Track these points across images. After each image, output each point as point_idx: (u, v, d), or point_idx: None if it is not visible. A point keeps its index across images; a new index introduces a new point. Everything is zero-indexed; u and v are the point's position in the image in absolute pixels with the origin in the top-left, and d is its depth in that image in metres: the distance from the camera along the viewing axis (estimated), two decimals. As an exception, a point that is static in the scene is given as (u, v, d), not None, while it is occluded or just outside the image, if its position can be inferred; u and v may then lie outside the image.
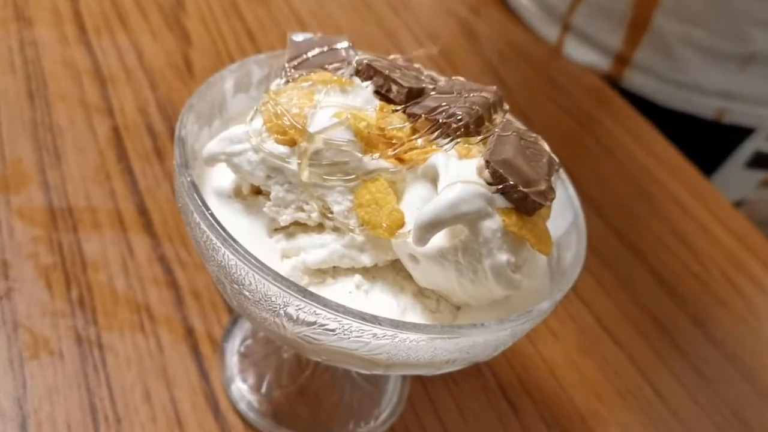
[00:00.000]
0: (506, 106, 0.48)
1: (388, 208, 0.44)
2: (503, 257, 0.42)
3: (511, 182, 0.41)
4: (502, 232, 0.42)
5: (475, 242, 0.42)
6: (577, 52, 1.15)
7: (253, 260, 0.40)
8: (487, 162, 0.41)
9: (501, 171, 0.41)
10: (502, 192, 0.41)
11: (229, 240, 0.41)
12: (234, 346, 0.63)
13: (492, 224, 0.41)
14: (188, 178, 0.43)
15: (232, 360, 0.62)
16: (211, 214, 0.42)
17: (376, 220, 0.44)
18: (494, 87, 0.47)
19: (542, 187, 0.42)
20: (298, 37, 0.51)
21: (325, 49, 0.50)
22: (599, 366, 0.74)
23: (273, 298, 0.41)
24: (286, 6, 1.05)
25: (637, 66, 1.12)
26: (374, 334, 0.40)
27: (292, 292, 0.40)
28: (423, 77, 0.49)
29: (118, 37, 0.91)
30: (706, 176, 1.05)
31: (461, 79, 0.48)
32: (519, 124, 0.47)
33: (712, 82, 1.09)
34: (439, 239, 0.42)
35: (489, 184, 0.42)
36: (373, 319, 0.39)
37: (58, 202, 0.70)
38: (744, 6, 1.00)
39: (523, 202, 0.41)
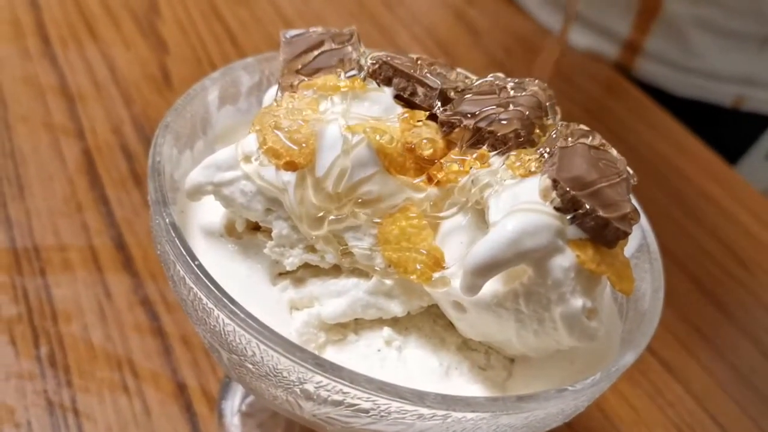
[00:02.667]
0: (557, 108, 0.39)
1: (423, 246, 0.35)
2: (577, 303, 0.33)
3: (588, 207, 0.31)
4: (577, 271, 0.32)
5: (542, 285, 0.32)
6: (583, 40, 1.07)
7: (257, 325, 0.31)
8: (555, 181, 0.32)
9: (574, 192, 0.31)
10: (576, 220, 0.32)
11: (223, 299, 0.31)
12: (234, 404, 0.53)
13: (563, 262, 0.32)
14: (167, 219, 0.34)
15: (233, 421, 0.53)
16: (199, 266, 0.32)
17: (407, 261, 0.35)
18: (544, 84, 0.38)
19: (626, 209, 0.32)
20: (292, 34, 0.41)
21: (328, 46, 0.41)
22: (651, 397, 0.65)
23: (285, 373, 0.31)
24: (269, 6, 0.96)
25: (649, 54, 1.05)
26: (420, 415, 0.30)
27: (309, 366, 0.30)
28: (452, 76, 0.40)
29: (87, 48, 0.82)
30: (726, 169, 0.97)
31: (500, 75, 0.39)
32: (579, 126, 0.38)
33: (729, 67, 1.02)
34: (494, 283, 0.33)
35: (558, 210, 0.32)
36: (418, 398, 0.30)
37: (22, 241, 0.61)
38: (765, -19, 0.93)
39: (602, 231, 0.32)
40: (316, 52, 0.41)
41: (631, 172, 0.36)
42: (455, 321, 0.36)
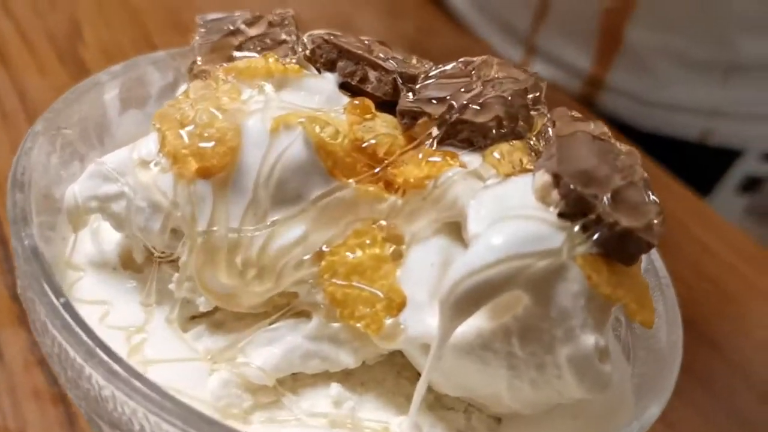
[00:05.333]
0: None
1: (381, 285, 0.26)
2: (589, 341, 0.24)
3: (602, 210, 0.23)
4: (588, 298, 0.24)
5: (544, 319, 0.24)
6: (545, 73, 1.02)
7: (145, 388, 0.21)
8: (557, 177, 0.24)
9: (581, 190, 0.23)
10: (586, 228, 0.24)
11: (96, 350, 0.22)
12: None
13: (571, 285, 0.23)
14: (26, 242, 0.25)
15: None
16: (66, 304, 0.23)
17: (355, 301, 0.26)
18: (529, 69, 0.30)
19: (650, 215, 0.24)
20: (211, 18, 0.33)
21: (256, 31, 0.32)
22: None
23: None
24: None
25: (612, 88, 1.01)
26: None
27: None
28: (412, 61, 0.31)
29: (-8, 73, 0.73)
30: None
31: (471, 59, 0.31)
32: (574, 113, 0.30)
33: (695, 99, 0.99)
34: (478, 318, 0.24)
35: (561, 216, 0.24)
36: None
37: None
38: (729, 8, 0.90)
39: (621, 243, 0.24)
40: (240, 38, 0.32)
41: (645, 175, 0.27)
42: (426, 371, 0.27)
